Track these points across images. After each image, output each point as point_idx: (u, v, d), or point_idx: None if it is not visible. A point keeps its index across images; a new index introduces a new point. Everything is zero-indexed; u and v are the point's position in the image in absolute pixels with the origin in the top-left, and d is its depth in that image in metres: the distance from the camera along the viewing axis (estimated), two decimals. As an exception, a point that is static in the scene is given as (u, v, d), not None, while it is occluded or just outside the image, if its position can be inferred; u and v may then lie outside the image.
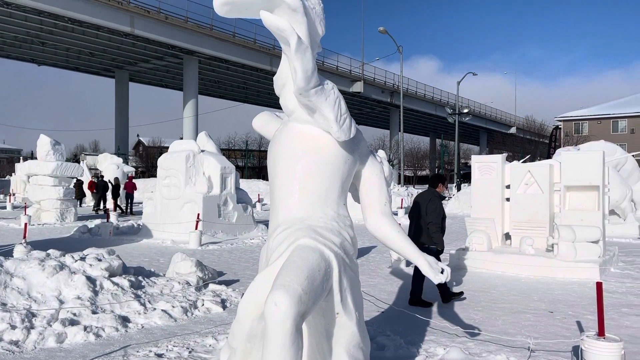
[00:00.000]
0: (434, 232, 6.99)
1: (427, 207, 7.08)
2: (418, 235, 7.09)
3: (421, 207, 7.14)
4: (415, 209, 7.24)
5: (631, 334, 5.78)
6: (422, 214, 7.11)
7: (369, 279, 8.83)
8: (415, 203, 7.31)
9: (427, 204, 7.10)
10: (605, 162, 10.71)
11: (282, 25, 2.84)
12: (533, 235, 9.98)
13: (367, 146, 3.71)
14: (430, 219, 7.00)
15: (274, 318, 2.71)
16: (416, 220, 7.18)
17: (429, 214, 7.03)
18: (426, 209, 7.07)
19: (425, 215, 7.04)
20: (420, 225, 7.11)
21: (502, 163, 10.71)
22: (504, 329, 5.96)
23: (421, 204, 7.17)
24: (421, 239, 7.06)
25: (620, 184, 15.09)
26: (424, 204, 7.12)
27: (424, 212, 7.08)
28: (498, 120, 78.49)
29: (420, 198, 7.30)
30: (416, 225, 7.17)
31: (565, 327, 6.03)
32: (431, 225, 7.00)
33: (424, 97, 62.11)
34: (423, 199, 7.24)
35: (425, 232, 7.05)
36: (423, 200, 7.19)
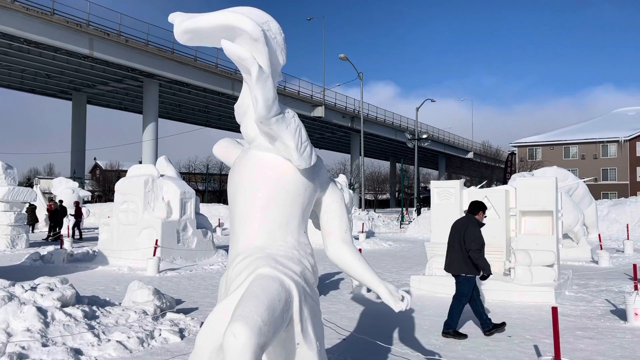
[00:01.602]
0: (478, 258, 6.65)
1: (465, 234, 6.76)
2: (450, 264, 6.90)
3: (456, 234, 6.86)
4: (451, 236, 6.96)
5: (585, 356, 5.92)
6: (453, 242, 6.86)
7: (330, 305, 8.78)
8: (451, 231, 7.04)
9: (465, 231, 6.79)
10: (558, 187, 11.10)
11: (244, 54, 2.85)
12: (491, 259, 10.15)
13: (327, 174, 3.72)
14: (470, 246, 6.67)
15: (232, 350, 2.65)
16: (449, 247, 6.95)
17: (467, 241, 6.72)
18: (463, 237, 6.75)
19: (464, 243, 6.74)
20: (452, 254, 6.87)
21: (460, 188, 10.95)
22: (464, 354, 6.01)
23: (457, 231, 6.88)
24: (451, 268, 6.87)
25: (572, 209, 15.64)
26: (461, 231, 6.83)
27: (461, 239, 6.78)
28: (456, 146, 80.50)
29: (457, 225, 7.03)
30: (448, 252, 6.95)
31: (523, 352, 6.13)
32: (472, 253, 6.65)
33: (384, 122, 63.20)
34: (460, 226, 6.96)
35: (460, 260, 6.78)
36: (460, 228, 6.91)
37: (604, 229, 21.60)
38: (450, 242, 6.95)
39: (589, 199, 18.34)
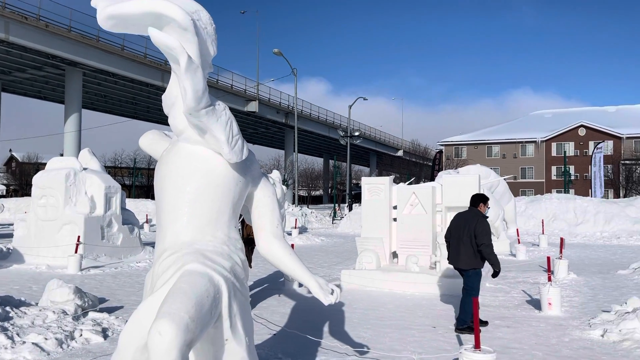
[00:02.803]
0: (490, 254, 6.56)
1: (476, 228, 6.64)
2: (458, 259, 6.80)
3: (465, 228, 6.74)
4: (458, 228, 6.84)
5: (503, 344, 6.26)
6: (462, 236, 6.74)
7: (261, 301, 8.74)
8: (456, 224, 6.94)
9: (475, 226, 6.65)
10: (481, 184, 11.65)
11: (172, 43, 2.76)
12: (418, 253, 10.53)
13: (259, 168, 3.69)
14: (482, 240, 6.57)
15: (158, 348, 2.57)
16: (457, 241, 6.82)
17: (478, 235, 6.59)
18: (474, 231, 6.63)
19: (474, 238, 6.63)
20: (461, 248, 6.76)
21: (389, 185, 11.23)
22: (392, 345, 6.18)
23: (464, 225, 6.76)
24: (460, 263, 6.78)
25: (494, 205, 16.45)
26: (470, 225, 6.69)
27: (471, 234, 6.66)
28: (387, 143, 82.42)
29: (462, 219, 6.89)
30: (456, 247, 6.83)
31: (447, 341, 6.38)
32: (484, 247, 6.56)
33: (317, 119, 63.59)
34: (466, 219, 6.81)
35: (470, 255, 6.70)
36: (467, 221, 6.77)
37: (521, 224, 22.90)
38: (459, 236, 6.81)
39: (509, 196, 19.37)
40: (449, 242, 7.07)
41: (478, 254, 6.71)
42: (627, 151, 54.97)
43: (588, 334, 6.70)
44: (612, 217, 22.80)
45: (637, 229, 21.68)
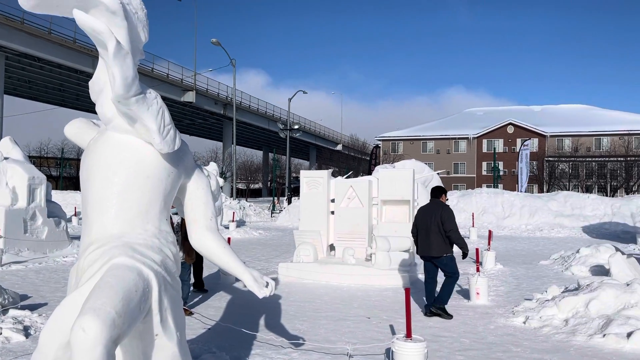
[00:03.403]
0: (458, 238, 7.09)
1: (442, 216, 7.12)
2: (429, 247, 7.17)
3: (431, 218, 7.17)
4: (425, 219, 7.24)
5: (434, 333, 6.48)
6: (430, 225, 7.15)
7: (195, 295, 8.58)
8: (422, 216, 7.33)
9: (441, 214, 7.15)
10: (415, 179, 11.97)
11: (99, 27, 2.63)
12: (354, 246, 10.69)
13: (193, 159, 3.61)
14: (450, 226, 7.08)
15: (81, 345, 2.46)
16: (425, 232, 7.21)
17: (445, 222, 7.08)
18: (441, 219, 7.10)
19: (441, 225, 7.09)
20: (431, 237, 7.15)
21: (327, 178, 11.32)
22: (327, 336, 6.25)
23: (430, 216, 7.20)
24: (432, 251, 7.17)
25: (427, 199, 16.97)
26: (436, 215, 7.15)
27: (438, 222, 7.11)
28: (326, 137, 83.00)
29: (426, 211, 7.33)
30: (426, 237, 7.20)
31: (380, 331, 6.53)
32: (452, 233, 7.07)
33: (257, 111, 63.01)
34: (431, 210, 7.27)
35: (440, 242, 7.12)
36: (432, 212, 7.23)
37: (453, 218, 23.78)
38: (427, 227, 7.19)
39: (442, 190, 20.04)
40: (417, 235, 7.46)
41: (447, 239, 7.17)
42: (550, 148, 58.24)
43: (512, 321, 7.06)
44: (536, 210, 24.11)
45: (558, 222, 23.05)
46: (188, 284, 7.57)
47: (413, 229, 7.59)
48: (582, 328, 6.39)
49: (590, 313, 6.65)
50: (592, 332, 6.21)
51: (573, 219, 23.19)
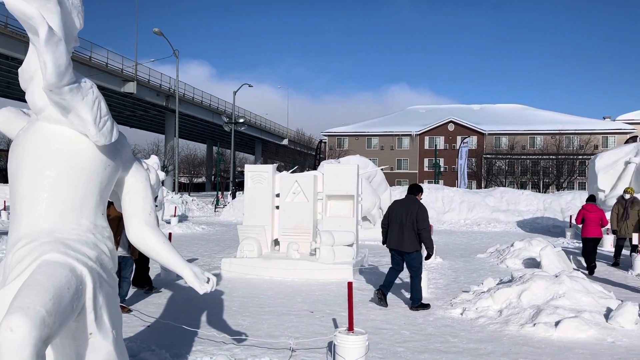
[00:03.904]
0: (428, 238, 7.37)
1: (418, 214, 7.33)
2: (402, 242, 7.42)
3: (406, 214, 7.38)
4: (398, 214, 7.45)
5: (375, 325, 6.61)
6: (405, 221, 7.36)
7: (134, 292, 8.34)
8: (397, 210, 7.53)
9: (417, 212, 7.34)
10: (359, 174, 12.13)
11: (30, 11, 2.49)
12: (299, 240, 10.71)
13: (131, 151, 3.50)
14: (423, 225, 7.32)
15: (9, 346, 2.33)
16: (399, 226, 7.42)
17: (420, 221, 7.30)
18: (416, 217, 7.31)
19: (416, 222, 7.31)
20: (405, 232, 7.38)
21: (272, 173, 11.27)
22: (270, 331, 6.24)
23: (405, 212, 7.41)
24: (404, 246, 7.41)
25: (371, 194, 17.25)
26: (412, 211, 7.36)
27: (413, 219, 7.33)
28: (272, 132, 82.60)
29: (401, 206, 7.52)
30: (399, 232, 7.44)
31: (323, 325, 6.59)
32: (424, 232, 7.32)
33: (201, 104, 61.81)
34: (406, 206, 7.46)
35: (413, 238, 7.38)
36: (408, 208, 7.43)
37: (396, 212, 24.31)
38: (401, 222, 7.44)
39: (385, 185, 20.42)
40: (388, 227, 7.70)
41: (418, 237, 7.44)
42: (488, 146, 60.57)
43: (450, 312, 7.31)
44: (474, 205, 25.01)
45: (494, 217, 24.02)
46: (129, 282, 7.34)
47: (384, 221, 7.78)
48: (515, 318, 6.69)
49: (522, 304, 6.98)
50: (523, 322, 6.52)
51: (508, 214, 24.23)
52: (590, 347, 5.70)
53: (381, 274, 10.51)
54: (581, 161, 49.72)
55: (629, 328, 6.25)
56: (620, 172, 15.34)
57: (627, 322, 6.32)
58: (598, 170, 15.89)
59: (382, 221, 7.88)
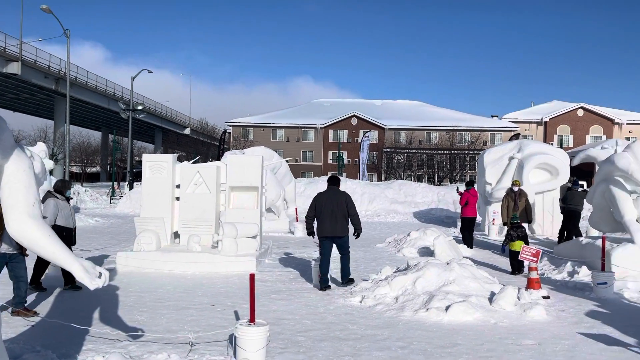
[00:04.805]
0: (359, 221, 8.46)
1: (347, 203, 8.38)
2: (335, 229, 8.29)
3: (337, 204, 8.31)
4: (328, 205, 8.31)
5: (277, 316, 6.63)
6: (337, 210, 8.27)
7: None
8: (325, 201, 8.35)
9: (347, 201, 8.40)
10: (264, 165, 12.08)
11: None
12: (201, 233, 10.46)
13: (12, 137, 3.19)
14: (354, 212, 8.44)
15: None
16: (331, 215, 8.27)
17: (350, 208, 8.38)
18: (346, 205, 8.35)
19: (348, 209, 8.34)
20: (338, 220, 8.28)
21: (173, 163, 10.89)
22: (168, 327, 6.04)
23: (336, 201, 8.34)
24: (337, 232, 8.31)
25: (276, 185, 17.26)
26: (341, 201, 8.36)
27: (343, 207, 8.32)
28: (173, 120, 79.74)
29: (329, 197, 8.41)
30: (332, 220, 8.28)
31: (225, 318, 6.50)
32: (356, 217, 8.41)
33: (95, 89, 58.10)
34: (334, 197, 8.41)
35: (344, 224, 8.33)
36: (336, 198, 8.39)
37: (300, 204, 24.50)
38: (332, 211, 8.30)
39: (290, 177, 20.55)
40: (315, 218, 8.45)
41: (348, 222, 8.39)
42: (388, 140, 62.98)
43: (350, 301, 7.52)
44: (375, 197, 25.95)
45: (393, 208, 25.09)
46: (25, 281, 6.61)
47: (311, 213, 8.49)
48: (410, 304, 7.04)
49: (416, 290, 7.36)
50: (417, 307, 6.88)
51: (406, 205, 25.42)
52: (476, 329, 6.15)
53: (284, 265, 10.57)
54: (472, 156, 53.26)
55: (509, 310, 6.81)
56: (505, 166, 16.61)
57: (507, 304, 6.89)
58: (486, 165, 17.10)
59: (308, 213, 8.55)
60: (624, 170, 9.59)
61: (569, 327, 6.29)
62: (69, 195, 8.27)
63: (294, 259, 11.30)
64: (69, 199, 8.24)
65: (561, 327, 6.29)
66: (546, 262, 10.63)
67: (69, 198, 8.32)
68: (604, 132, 61.72)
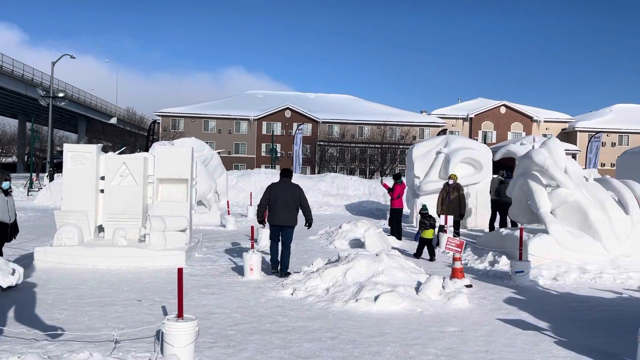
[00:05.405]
0: (310, 212, 8.94)
1: (301, 195, 8.83)
2: (288, 218, 8.72)
3: (291, 195, 8.75)
4: (282, 195, 8.73)
5: (207, 310, 6.53)
6: (290, 201, 8.70)
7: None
8: (279, 192, 8.75)
9: (299, 193, 8.84)
10: (194, 157, 11.80)
11: None
12: (127, 226, 10.08)
13: None
14: (307, 204, 8.93)
15: None
16: (285, 206, 8.68)
17: (303, 200, 8.85)
18: (299, 197, 8.79)
19: (301, 201, 8.80)
20: (291, 210, 8.73)
21: (97, 153, 10.41)
22: (91, 324, 5.79)
23: (290, 193, 8.77)
24: (289, 222, 8.73)
25: (207, 178, 16.93)
26: (295, 193, 8.81)
27: (296, 199, 8.76)
28: (98, 109, 76.15)
29: (282, 188, 8.81)
30: (286, 210, 8.70)
31: (152, 313, 6.31)
32: (309, 208, 8.94)
33: (11, 73, 54.33)
34: (287, 188, 8.83)
35: (295, 215, 8.77)
36: (289, 190, 8.81)
37: (232, 197, 24.21)
38: (285, 202, 8.72)
39: (221, 169, 20.21)
40: (271, 206, 8.80)
41: (298, 213, 8.79)
42: (322, 134, 63.41)
43: (281, 293, 7.53)
44: (308, 190, 26.00)
45: (326, 201, 25.32)
46: None
47: (264, 202, 8.87)
48: (340, 295, 7.15)
49: (347, 281, 7.48)
50: (347, 298, 7.00)
51: (338, 198, 25.74)
52: (403, 318, 6.34)
53: (215, 258, 10.41)
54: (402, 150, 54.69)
55: (434, 299, 7.08)
56: (432, 160, 17.20)
57: (433, 293, 7.16)
58: (414, 159, 17.62)
59: (261, 202, 8.94)
60: (540, 165, 10.20)
61: (488, 314, 6.64)
62: (6, 188, 7.54)
63: (225, 253, 11.15)
64: (6, 191, 7.54)
65: (482, 314, 6.62)
66: (470, 252, 11.14)
67: (7, 191, 7.59)
68: (523, 128, 65.32)
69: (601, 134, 46.70)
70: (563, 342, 5.54)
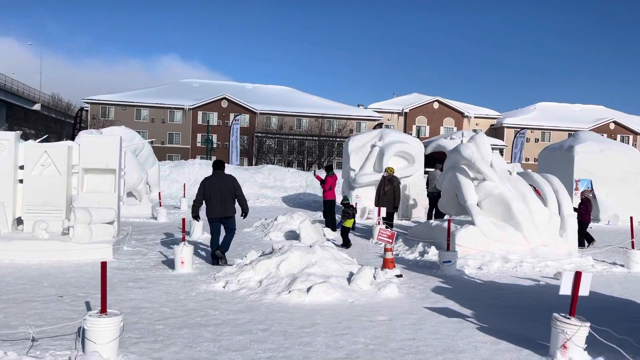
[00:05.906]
0: (246, 202, 9.03)
1: (235, 185, 8.96)
2: (226, 210, 8.88)
3: (225, 187, 8.87)
4: (216, 187, 8.83)
5: (134, 305, 6.31)
6: (225, 193, 8.86)
7: None
8: (213, 186, 8.85)
9: (234, 183, 8.97)
10: (124, 147, 11.35)
11: None
12: (48, 218, 9.57)
13: None
14: (242, 193, 9.08)
15: None
16: (221, 198, 8.84)
17: (238, 190, 8.99)
18: (234, 187, 8.93)
19: (235, 191, 8.93)
20: (227, 202, 8.88)
21: (15, 141, 9.80)
22: (6, 322, 5.45)
23: (225, 185, 8.89)
24: (228, 212, 8.89)
25: (137, 168, 16.34)
26: (229, 184, 8.92)
27: (231, 189, 8.91)
28: (20, 94, 71.53)
29: (216, 181, 8.89)
30: (222, 202, 8.86)
31: (74, 310, 6.02)
32: (244, 198, 9.05)
33: None
34: (222, 180, 8.93)
35: (232, 205, 8.92)
36: (225, 181, 8.93)
37: (165, 188, 23.54)
38: (221, 194, 8.85)
39: (153, 160, 19.58)
40: (207, 200, 8.90)
41: (235, 203, 8.99)
42: (259, 125, 62.87)
43: (213, 286, 7.41)
44: (244, 182, 25.74)
45: (263, 193, 25.16)
46: None
47: (199, 197, 8.93)
48: (273, 287, 7.13)
49: (280, 273, 7.47)
50: (280, 290, 6.98)
51: (275, 190, 25.64)
52: (335, 308, 6.41)
53: (145, 251, 10.08)
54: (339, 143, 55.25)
55: (365, 289, 7.21)
56: (367, 153, 17.48)
57: (364, 283, 7.29)
58: (350, 152, 17.84)
59: (197, 198, 8.96)
60: (467, 159, 10.60)
61: (417, 303, 6.84)
62: None
63: (155, 246, 10.84)
64: None
65: (410, 303, 6.81)
66: (401, 243, 11.43)
67: None
68: (455, 124, 67.68)
69: (526, 130, 49.31)
70: (485, 327, 5.81)
